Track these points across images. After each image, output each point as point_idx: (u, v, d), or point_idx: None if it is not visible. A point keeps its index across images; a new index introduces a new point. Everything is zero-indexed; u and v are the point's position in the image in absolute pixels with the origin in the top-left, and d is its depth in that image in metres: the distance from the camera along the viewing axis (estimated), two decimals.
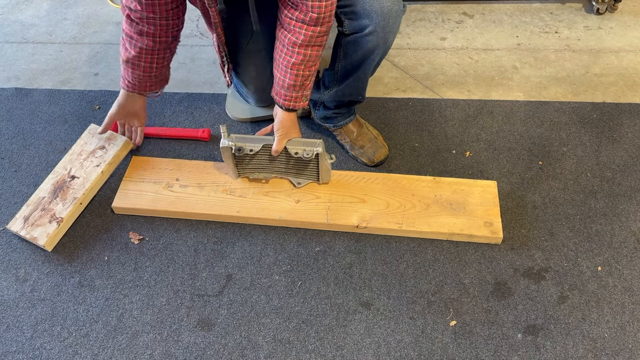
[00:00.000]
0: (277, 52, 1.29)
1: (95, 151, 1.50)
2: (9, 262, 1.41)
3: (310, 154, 1.36)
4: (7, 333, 1.28)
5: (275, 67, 1.31)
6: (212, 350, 1.24)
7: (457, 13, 2.11)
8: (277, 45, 1.28)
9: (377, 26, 1.26)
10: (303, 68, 1.27)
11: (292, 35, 1.23)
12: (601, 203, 1.48)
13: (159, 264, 1.39)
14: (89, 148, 1.54)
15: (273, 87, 1.35)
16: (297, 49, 1.24)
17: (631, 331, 1.25)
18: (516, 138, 1.65)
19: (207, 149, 1.64)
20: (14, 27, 2.14)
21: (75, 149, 1.55)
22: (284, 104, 1.33)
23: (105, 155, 1.50)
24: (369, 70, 1.39)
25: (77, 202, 1.43)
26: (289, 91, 1.30)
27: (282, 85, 1.30)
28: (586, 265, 1.36)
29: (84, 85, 1.87)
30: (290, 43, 1.23)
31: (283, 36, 1.25)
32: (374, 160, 1.55)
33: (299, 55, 1.24)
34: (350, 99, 1.50)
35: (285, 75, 1.28)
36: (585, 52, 1.92)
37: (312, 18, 1.18)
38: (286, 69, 1.27)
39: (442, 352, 1.23)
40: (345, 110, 1.55)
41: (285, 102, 1.33)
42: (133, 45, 1.34)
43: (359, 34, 1.29)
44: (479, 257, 1.38)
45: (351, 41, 1.32)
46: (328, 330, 1.27)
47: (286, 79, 1.28)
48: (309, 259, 1.39)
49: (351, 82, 1.43)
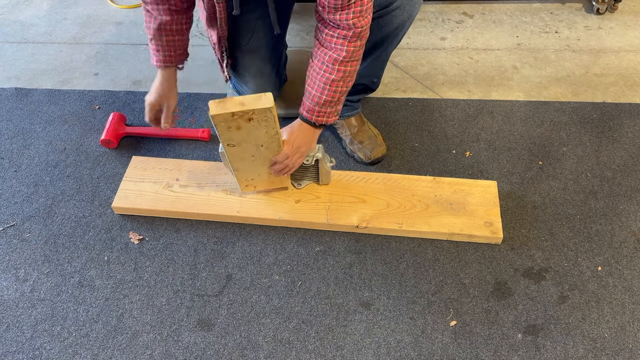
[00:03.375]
0: (313, 70, 1.29)
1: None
2: (9, 262, 1.41)
3: (310, 160, 1.37)
4: (7, 333, 1.28)
5: (310, 84, 1.30)
6: (212, 350, 1.24)
7: (457, 13, 2.10)
8: (315, 63, 1.28)
9: (404, 0, 1.27)
10: (342, 84, 1.27)
11: (333, 52, 1.23)
12: (601, 203, 1.48)
13: (159, 264, 1.39)
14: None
15: (303, 104, 1.33)
16: (337, 66, 1.24)
17: (631, 331, 1.25)
18: (516, 138, 1.64)
19: (207, 149, 1.64)
20: (14, 27, 2.14)
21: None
22: (317, 120, 1.31)
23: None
24: (392, 47, 1.40)
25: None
26: (323, 107, 1.29)
27: (317, 102, 1.29)
28: (586, 265, 1.36)
29: (84, 85, 1.87)
30: (331, 60, 1.23)
31: (323, 54, 1.25)
32: (370, 157, 1.55)
33: (339, 72, 1.24)
34: (365, 83, 1.51)
35: (322, 92, 1.27)
36: (585, 52, 1.92)
37: (355, 33, 1.19)
38: (324, 86, 1.26)
39: (442, 352, 1.23)
40: (356, 99, 1.58)
41: (318, 119, 1.31)
42: (154, 19, 1.34)
43: (386, 9, 1.29)
44: (479, 257, 1.38)
45: (375, 19, 1.31)
46: (328, 330, 1.27)
47: (323, 95, 1.28)
48: (309, 259, 1.39)
49: (370, 63, 1.44)
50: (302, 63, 1.87)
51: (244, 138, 1.23)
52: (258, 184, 1.43)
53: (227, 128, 1.19)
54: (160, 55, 1.36)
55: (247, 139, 1.24)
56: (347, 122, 1.59)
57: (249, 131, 1.21)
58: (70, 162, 1.63)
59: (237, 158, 1.31)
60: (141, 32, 2.09)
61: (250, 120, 1.17)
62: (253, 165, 1.35)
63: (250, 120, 1.18)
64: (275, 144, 1.28)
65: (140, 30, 2.10)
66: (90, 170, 1.60)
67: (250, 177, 1.40)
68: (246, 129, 1.20)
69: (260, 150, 1.29)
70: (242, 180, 1.41)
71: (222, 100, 1.16)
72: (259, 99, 1.15)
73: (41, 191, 1.55)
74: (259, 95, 1.16)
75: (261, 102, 1.15)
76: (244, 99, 1.15)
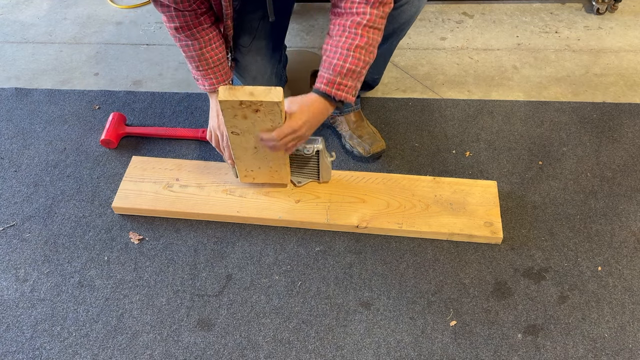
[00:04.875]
0: (334, 40, 1.23)
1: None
2: (9, 262, 1.41)
3: (311, 150, 1.36)
4: (7, 333, 1.28)
5: (330, 55, 1.24)
6: (212, 350, 1.24)
7: (457, 13, 2.11)
8: (335, 31, 1.23)
9: None
10: (365, 52, 1.21)
11: (356, 17, 1.19)
12: (601, 203, 1.48)
13: (159, 264, 1.39)
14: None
15: (320, 78, 1.25)
16: (360, 30, 1.19)
17: (631, 331, 1.25)
18: (516, 138, 1.64)
19: (207, 148, 1.64)
20: (14, 27, 2.14)
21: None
22: (337, 94, 1.23)
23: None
24: (396, 43, 1.37)
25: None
26: (345, 79, 1.22)
27: (339, 72, 1.22)
28: (586, 265, 1.36)
29: (83, 85, 1.87)
30: (354, 24, 1.19)
31: (344, 21, 1.21)
32: (369, 151, 1.55)
33: (362, 37, 1.19)
34: (365, 79, 1.49)
35: (346, 60, 1.21)
36: (585, 52, 1.92)
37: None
38: (348, 52, 1.20)
39: (442, 352, 1.23)
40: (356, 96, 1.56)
41: (338, 93, 1.22)
42: (189, 48, 1.33)
43: (397, 3, 1.27)
44: (479, 257, 1.38)
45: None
46: (328, 330, 1.27)
47: (346, 63, 1.21)
48: (309, 259, 1.39)
49: (375, 59, 1.43)
50: (302, 63, 1.87)
51: (249, 128, 1.24)
52: (257, 176, 1.44)
53: (234, 115, 1.20)
54: (208, 80, 1.37)
55: (251, 129, 1.24)
56: (347, 118, 1.60)
57: (255, 122, 1.22)
58: (70, 162, 1.63)
59: (240, 147, 1.32)
60: (141, 32, 2.09)
61: (257, 111, 1.18)
62: (255, 157, 1.36)
63: (257, 112, 1.19)
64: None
65: (140, 30, 2.10)
66: (90, 170, 1.60)
67: (251, 169, 1.41)
68: (252, 119, 1.21)
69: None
70: (242, 170, 1.42)
71: (233, 88, 1.17)
72: (269, 91, 1.16)
73: (41, 191, 1.56)
74: (270, 88, 1.16)
75: (270, 95, 1.15)
76: (254, 90, 1.16)
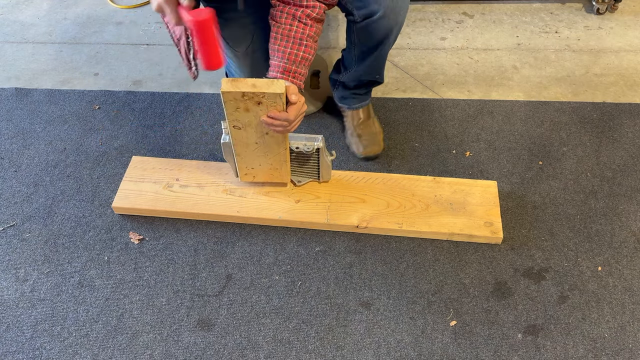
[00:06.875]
0: (283, 28, 1.25)
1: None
2: (9, 262, 1.41)
3: (311, 148, 1.36)
4: (7, 333, 1.28)
5: (281, 44, 1.26)
6: (212, 350, 1.24)
7: (457, 13, 2.11)
8: (284, 19, 1.25)
9: (386, 9, 1.27)
10: (312, 43, 1.27)
11: (307, 9, 1.23)
12: (601, 203, 1.48)
13: (159, 264, 1.39)
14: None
15: (273, 67, 1.27)
16: (310, 21, 1.24)
17: (631, 331, 1.25)
18: (516, 138, 1.65)
19: (207, 149, 1.64)
20: (14, 27, 2.14)
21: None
22: (293, 82, 1.27)
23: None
24: (387, 50, 1.41)
25: None
26: (299, 66, 1.27)
27: (293, 60, 1.25)
28: (586, 265, 1.36)
29: (83, 85, 1.87)
30: (304, 15, 1.23)
31: (293, 10, 1.24)
32: (362, 153, 1.58)
33: (312, 27, 1.25)
34: (369, 79, 1.53)
35: (299, 49, 1.25)
36: (585, 52, 1.92)
37: None
38: (301, 42, 1.25)
39: (442, 352, 1.23)
40: (364, 92, 1.59)
41: (295, 81, 1.27)
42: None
43: (370, 19, 1.30)
44: (479, 257, 1.38)
45: (363, 27, 1.33)
46: (328, 330, 1.27)
47: (300, 52, 1.25)
48: (309, 259, 1.39)
49: (369, 63, 1.46)
50: None
51: (251, 121, 1.24)
52: (258, 174, 1.44)
53: (236, 108, 1.20)
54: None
55: (253, 122, 1.24)
56: (355, 113, 1.62)
57: (257, 115, 1.22)
58: (70, 162, 1.63)
59: (241, 143, 1.32)
60: (141, 32, 2.09)
61: (259, 103, 1.18)
62: (255, 154, 1.35)
63: (259, 104, 1.18)
64: (281, 135, 1.28)
65: (140, 30, 2.10)
66: (90, 170, 1.60)
67: (251, 166, 1.41)
68: (254, 112, 1.21)
69: (265, 138, 1.29)
70: (242, 168, 1.42)
71: (235, 80, 1.17)
72: (271, 83, 1.16)
73: (41, 191, 1.56)
74: (272, 80, 1.17)
75: (273, 87, 1.16)
76: (256, 82, 1.16)
